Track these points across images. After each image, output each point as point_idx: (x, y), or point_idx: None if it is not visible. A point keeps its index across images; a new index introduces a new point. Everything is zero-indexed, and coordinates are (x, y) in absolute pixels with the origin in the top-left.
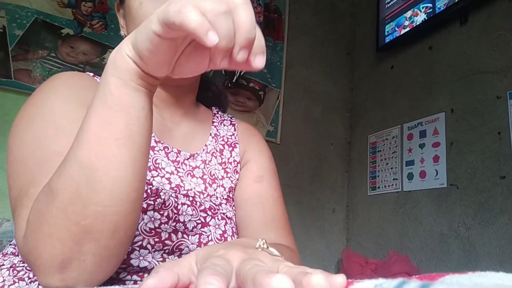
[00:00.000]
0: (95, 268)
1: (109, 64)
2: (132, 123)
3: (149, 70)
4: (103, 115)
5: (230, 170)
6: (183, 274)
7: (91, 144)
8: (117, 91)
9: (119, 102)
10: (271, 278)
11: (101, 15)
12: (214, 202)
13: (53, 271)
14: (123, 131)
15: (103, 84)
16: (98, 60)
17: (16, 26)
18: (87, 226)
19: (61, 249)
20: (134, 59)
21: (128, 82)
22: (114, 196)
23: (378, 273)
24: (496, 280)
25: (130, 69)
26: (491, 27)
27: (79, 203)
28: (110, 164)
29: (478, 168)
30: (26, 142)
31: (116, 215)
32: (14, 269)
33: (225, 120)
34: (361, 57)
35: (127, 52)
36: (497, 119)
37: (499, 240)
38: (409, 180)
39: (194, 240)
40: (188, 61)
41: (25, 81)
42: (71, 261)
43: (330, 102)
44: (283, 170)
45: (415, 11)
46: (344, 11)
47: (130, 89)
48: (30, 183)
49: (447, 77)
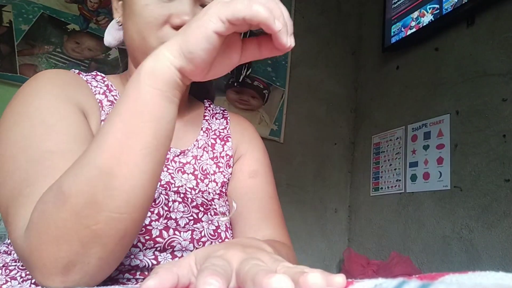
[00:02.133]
0: (97, 271)
1: (145, 74)
2: (160, 134)
3: (195, 74)
4: (131, 123)
5: (222, 164)
6: (183, 275)
7: (114, 151)
8: (153, 101)
9: (153, 112)
10: (271, 278)
11: (107, 11)
12: (206, 197)
13: (55, 273)
14: (150, 141)
15: (134, 92)
16: (103, 56)
17: (22, 21)
18: (97, 231)
19: (67, 252)
20: (181, 66)
21: (165, 94)
22: (130, 203)
23: (380, 274)
24: (496, 280)
25: (172, 80)
26: (498, 29)
27: (93, 208)
28: (130, 172)
29: (483, 170)
30: (14, 141)
31: (128, 221)
32: (7, 268)
33: (217, 114)
34: (367, 57)
35: (172, 61)
36: (502, 122)
37: (502, 243)
38: (413, 181)
39: (186, 236)
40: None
41: (30, 76)
42: (75, 264)
43: (335, 102)
44: (286, 169)
45: (422, 12)
46: (350, 11)
47: (166, 101)
48: (24, 181)
49: (453, 78)
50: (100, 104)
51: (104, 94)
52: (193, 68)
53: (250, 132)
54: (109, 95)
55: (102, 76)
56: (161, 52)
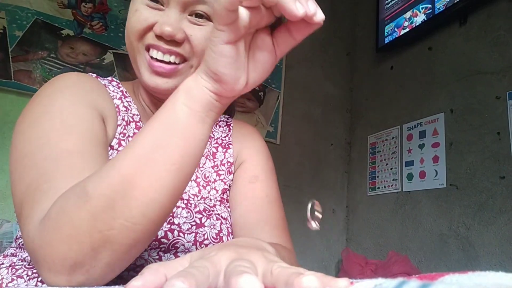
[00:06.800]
0: (102, 275)
1: (183, 92)
2: (188, 153)
3: (228, 89)
4: (161, 138)
5: (223, 172)
6: (171, 275)
7: (139, 162)
8: (185, 120)
9: (183, 130)
10: (240, 277)
11: (101, 16)
12: (208, 204)
13: (62, 271)
14: (177, 159)
15: (170, 109)
16: (98, 61)
17: (16, 27)
18: (110, 237)
19: (77, 252)
20: (212, 88)
21: (199, 114)
22: (145, 216)
23: (378, 273)
24: (496, 280)
25: (207, 101)
26: (491, 28)
27: (110, 213)
28: (151, 185)
29: (478, 168)
30: (33, 139)
31: (140, 233)
32: (13, 268)
33: (220, 121)
34: (361, 57)
35: (204, 84)
36: (496, 120)
37: (498, 240)
38: (409, 180)
39: (190, 238)
40: (257, 63)
41: (25, 82)
42: (83, 265)
43: (330, 103)
44: (283, 170)
45: (415, 12)
46: (344, 12)
47: (199, 121)
48: (41, 178)
49: (446, 77)
50: (117, 109)
51: (120, 99)
52: (223, 86)
53: (252, 138)
54: (124, 101)
55: (117, 82)
56: (197, 75)
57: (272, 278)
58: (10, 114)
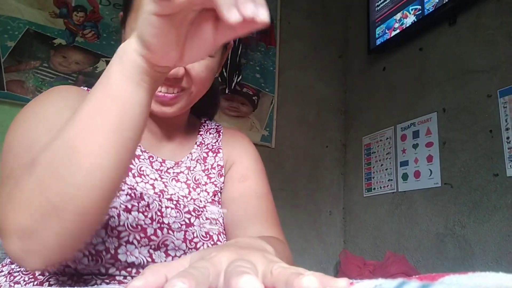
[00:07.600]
0: (55, 246)
1: (116, 56)
2: (125, 117)
3: (157, 59)
4: (98, 103)
5: (214, 175)
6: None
7: (79, 128)
8: (116, 83)
9: (116, 94)
10: (240, 278)
11: (93, 24)
12: (198, 204)
13: (14, 237)
14: (114, 123)
15: (106, 73)
16: (91, 70)
17: (8, 37)
18: (56, 203)
19: (26, 218)
20: (141, 53)
21: (129, 77)
22: (88, 181)
23: (376, 274)
24: (497, 281)
25: (136, 65)
26: (480, 27)
27: (54, 180)
28: (91, 150)
29: (472, 166)
30: (19, 135)
31: (85, 199)
32: (11, 275)
33: (211, 129)
34: (353, 59)
35: (135, 47)
36: (488, 118)
37: (494, 237)
38: (404, 180)
39: (180, 236)
40: (194, 42)
41: (18, 92)
42: (32, 231)
43: (324, 105)
44: (279, 174)
45: (405, 13)
46: (336, 14)
47: (132, 85)
48: (16, 166)
49: (438, 77)
50: None
51: None
52: (151, 54)
53: (242, 144)
54: None
55: None
56: (130, 39)
57: (272, 278)
58: (3, 124)
